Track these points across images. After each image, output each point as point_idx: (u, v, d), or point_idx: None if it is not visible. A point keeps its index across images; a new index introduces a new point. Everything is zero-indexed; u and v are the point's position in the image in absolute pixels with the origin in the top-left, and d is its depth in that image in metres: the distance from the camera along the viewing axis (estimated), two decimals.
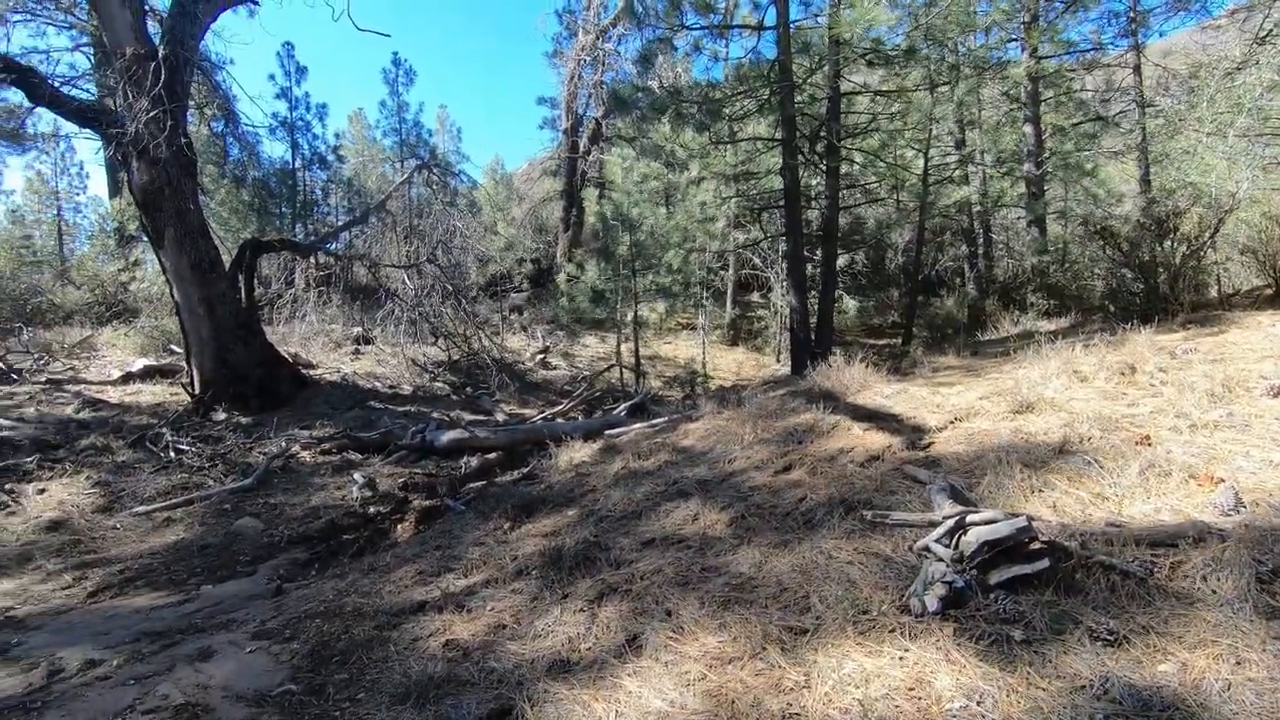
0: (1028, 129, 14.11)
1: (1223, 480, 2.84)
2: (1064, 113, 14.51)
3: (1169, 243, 7.50)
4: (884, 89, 11.02)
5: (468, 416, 10.04)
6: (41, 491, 6.68)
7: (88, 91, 10.61)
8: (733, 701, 2.28)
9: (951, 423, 4.25)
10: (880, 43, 9.55)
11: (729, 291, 18.24)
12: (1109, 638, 2.19)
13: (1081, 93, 14.73)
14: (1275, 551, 2.39)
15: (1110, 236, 8.20)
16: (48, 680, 3.42)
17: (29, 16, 11.31)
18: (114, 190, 19.57)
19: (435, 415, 9.94)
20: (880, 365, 6.31)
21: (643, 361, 13.60)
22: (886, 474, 3.69)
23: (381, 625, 3.55)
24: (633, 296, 12.91)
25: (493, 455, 7.81)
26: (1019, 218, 16.76)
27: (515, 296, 19.99)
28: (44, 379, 10.70)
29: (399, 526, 5.88)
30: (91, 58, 12.38)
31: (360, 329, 14.69)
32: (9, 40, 12.64)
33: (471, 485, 6.81)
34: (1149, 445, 3.25)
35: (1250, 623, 2.12)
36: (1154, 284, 7.44)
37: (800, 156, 10.17)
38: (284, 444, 8.16)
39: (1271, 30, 8.60)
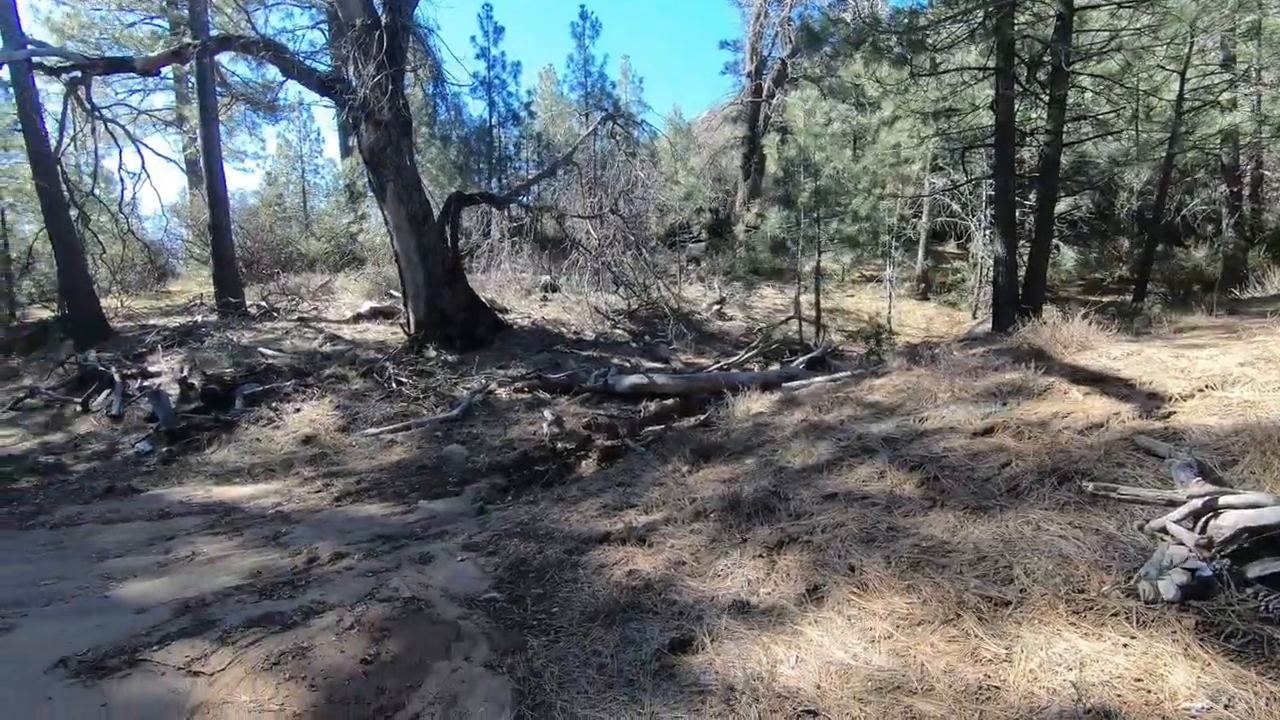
0: None
1: None
2: None
3: None
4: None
5: (646, 363, 10.36)
6: (298, 411, 7.94)
7: (324, 64, 12.01)
8: (922, 664, 2.19)
9: (1200, 390, 3.65)
10: None
11: (921, 241, 16.89)
12: None
13: None
14: None
15: None
16: (308, 565, 4.12)
17: (280, 0, 12.99)
18: (345, 151, 22.19)
19: (615, 360, 10.37)
20: (1106, 323, 5.54)
21: (823, 314, 13.11)
22: (1112, 444, 3.26)
23: (570, 550, 3.83)
24: (815, 246, 12.41)
25: (670, 401, 8.01)
26: None
27: (693, 246, 20.05)
28: (295, 317, 12.62)
29: (583, 463, 6.27)
30: (326, 32, 13.97)
31: (548, 277, 15.60)
32: (267, 23, 14.61)
33: (650, 429, 7.06)
34: None
35: None
36: None
37: (1017, 86, 9.01)
38: (484, 381, 8.97)
39: None
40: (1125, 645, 2.05)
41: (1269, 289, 9.55)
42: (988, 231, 13.43)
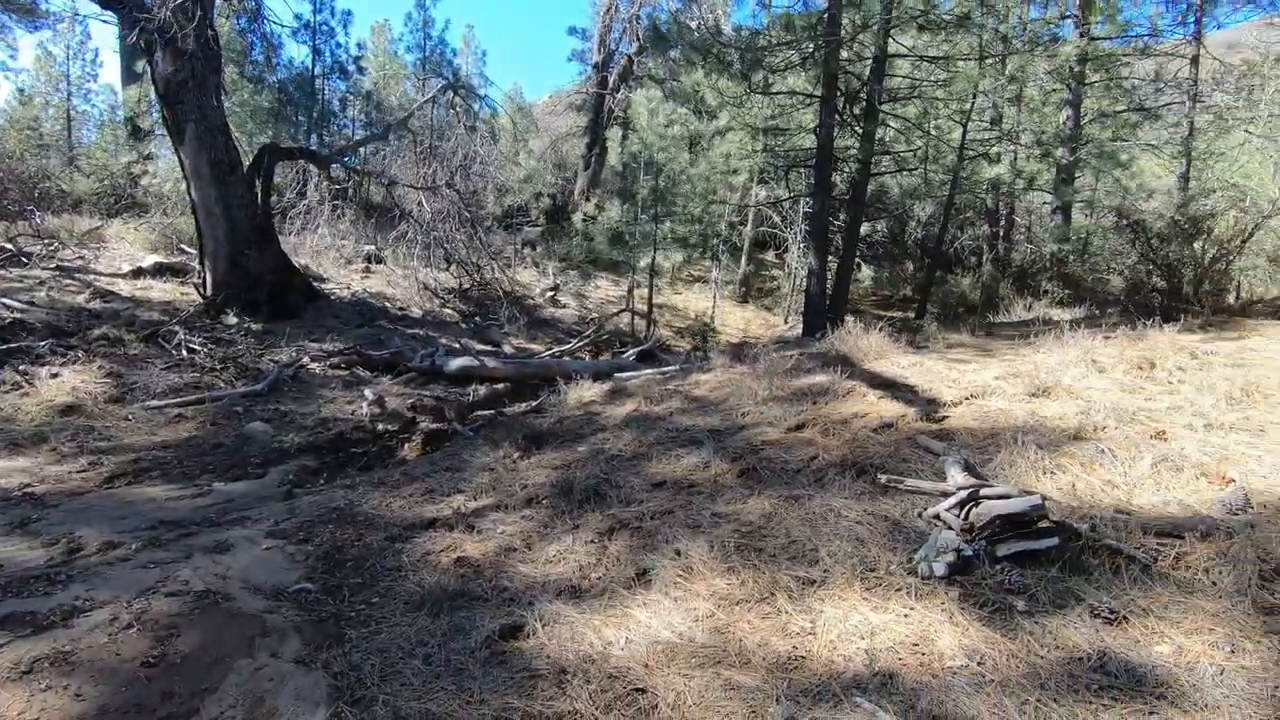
0: (1068, 111, 13.77)
1: (1234, 480, 2.89)
2: (1108, 99, 14.12)
3: (1199, 244, 7.43)
4: (931, 55, 10.69)
5: (476, 346, 10.08)
6: (55, 376, 6.74)
7: None
8: (740, 640, 2.38)
9: (966, 399, 4.30)
10: (934, 5, 9.22)
11: (745, 247, 18.05)
12: (1109, 616, 2.27)
13: (1129, 80, 14.30)
14: (1278, 553, 2.46)
15: (1142, 231, 8.11)
16: (68, 556, 3.54)
17: None
18: (129, 78, 19.04)
19: (444, 341, 9.98)
20: (896, 336, 6.32)
21: (654, 309, 13.58)
22: (900, 442, 3.75)
23: (393, 537, 3.65)
24: (651, 242, 12.81)
25: (501, 386, 7.88)
26: (1044, 203, 16.51)
27: (530, 231, 19.78)
28: (54, 265, 10.67)
29: (406, 446, 5.98)
30: None
31: (372, 247, 14.60)
32: None
33: (480, 413, 6.90)
34: (1164, 440, 3.30)
35: (1248, 616, 2.20)
36: (1177, 283, 7.40)
37: (837, 116, 9.94)
38: (295, 354, 8.22)
39: None
40: (906, 616, 2.38)
41: (1014, 315, 11.42)
42: (803, 245, 14.68)
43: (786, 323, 15.62)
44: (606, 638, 2.48)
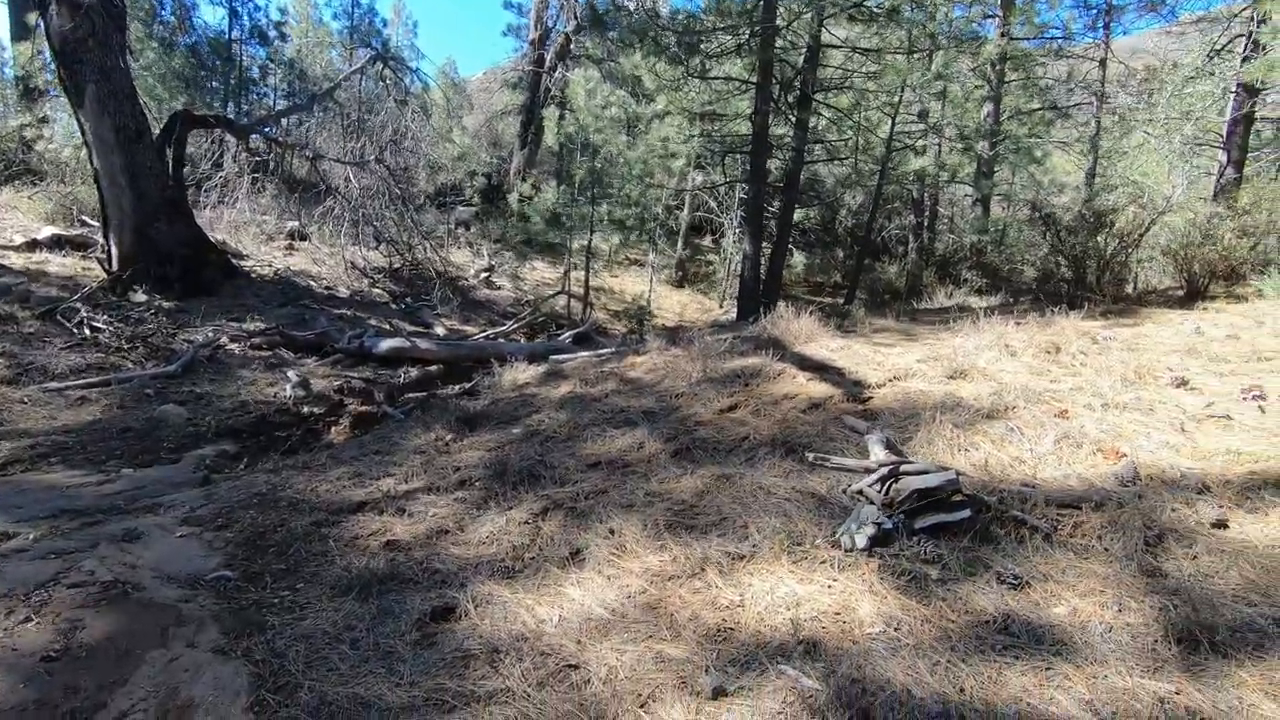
0: (989, 108, 14.39)
1: (1125, 455, 3.13)
2: (1025, 97, 14.84)
3: (1102, 237, 7.92)
4: (863, 46, 10.96)
5: (407, 327, 9.82)
6: None
7: None
8: (671, 614, 2.43)
9: (890, 380, 4.48)
10: None
11: (681, 232, 18.15)
12: (1014, 582, 2.43)
13: (1044, 80, 15.05)
14: (1161, 521, 2.69)
15: (1051, 223, 8.60)
16: None
17: None
18: (18, 33, 17.49)
19: (373, 322, 9.68)
20: (825, 321, 6.51)
21: (591, 292, 13.52)
22: (827, 421, 3.88)
23: (320, 521, 3.55)
24: (588, 224, 12.72)
25: (433, 368, 7.72)
26: (966, 195, 17.26)
27: (463, 210, 19.31)
28: None
29: (333, 429, 5.80)
30: None
31: (296, 224, 13.96)
32: None
33: (411, 395, 6.75)
34: (1066, 418, 3.53)
35: (1134, 578, 2.40)
36: (1083, 273, 7.88)
37: (772, 103, 10.09)
38: (211, 333, 7.81)
39: (1229, 43, 8.97)
40: (829, 586, 2.48)
41: (937, 302, 11.94)
42: (738, 230, 14.88)
43: (722, 307, 15.84)
44: (540, 616, 2.49)
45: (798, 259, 17.73)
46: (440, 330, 10.36)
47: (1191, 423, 3.45)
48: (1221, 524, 2.65)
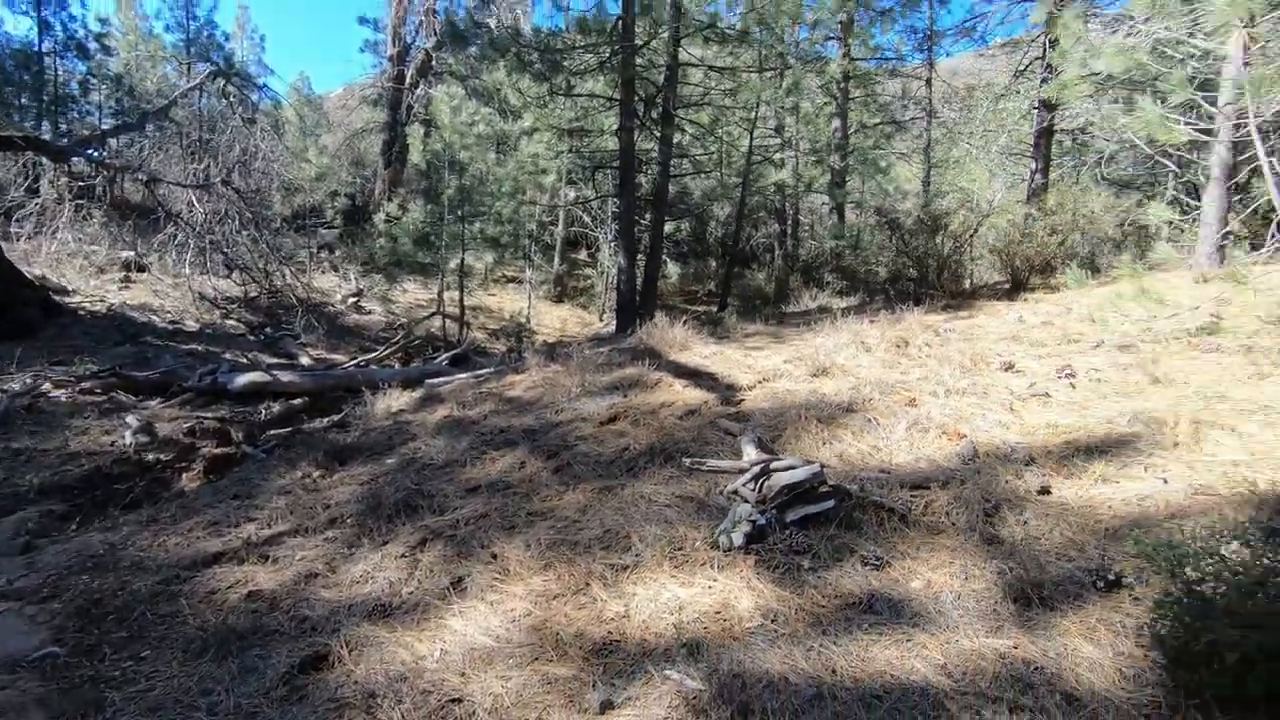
0: (837, 123, 15.46)
1: (965, 435, 3.44)
2: (868, 112, 16.09)
3: (940, 238, 8.72)
4: (718, 65, 11.48)
5: (267, 359, 9.15)
6: None
7: None
8: (557, 633, 2.41)
9: (760, 382, 4.69)
10: (717, 17, 9.91)
11: (558, 247, 18.15)
12: (876, 563, 2.61)
13: (883, 97, 16.41)
14: (996, 491, 2.98)
15: (896, 227, 9.36)
16: None
17: None
18: None
19: (229, 356, 8.94)
20: (699, 328, 6.72)
21: (467, 312, 13.20)
22: (703, 426, 4.00)
23: (168, 580, 3.23)
24: (459, 243, 12.42)
25: (298, 401, 7.23)
26: (823, 204, 18.41)
27: (326, 233, 18.30)
28: None
29: (185, 475, 5.30)
30: None
31: (132, 254, 12.68)
32: None
33: (274, 432, 6.29)
34: (915, 406, 3.84)
35: (977, 547, 2.64)
36: (925, 272, 8.63)
37: (636, 120, 10.33)
38: (30, 380, 6.91)
39: (1030, 65, 10.17)
40: (709, 587, 2.55)
41: (803, 305, 12.63)
42: (613, 244, 15.09)
43: (602, 320, 15.95)
44: (419, 653, 2.39)
45: (672, 270, 18.20)
46: (305, 360, 9.74)
47: (1018, 402, 3.85)
48: (1045, 490, 2.97)
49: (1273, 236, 4.42)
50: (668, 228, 16.82)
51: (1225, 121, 6.07)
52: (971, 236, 8.61)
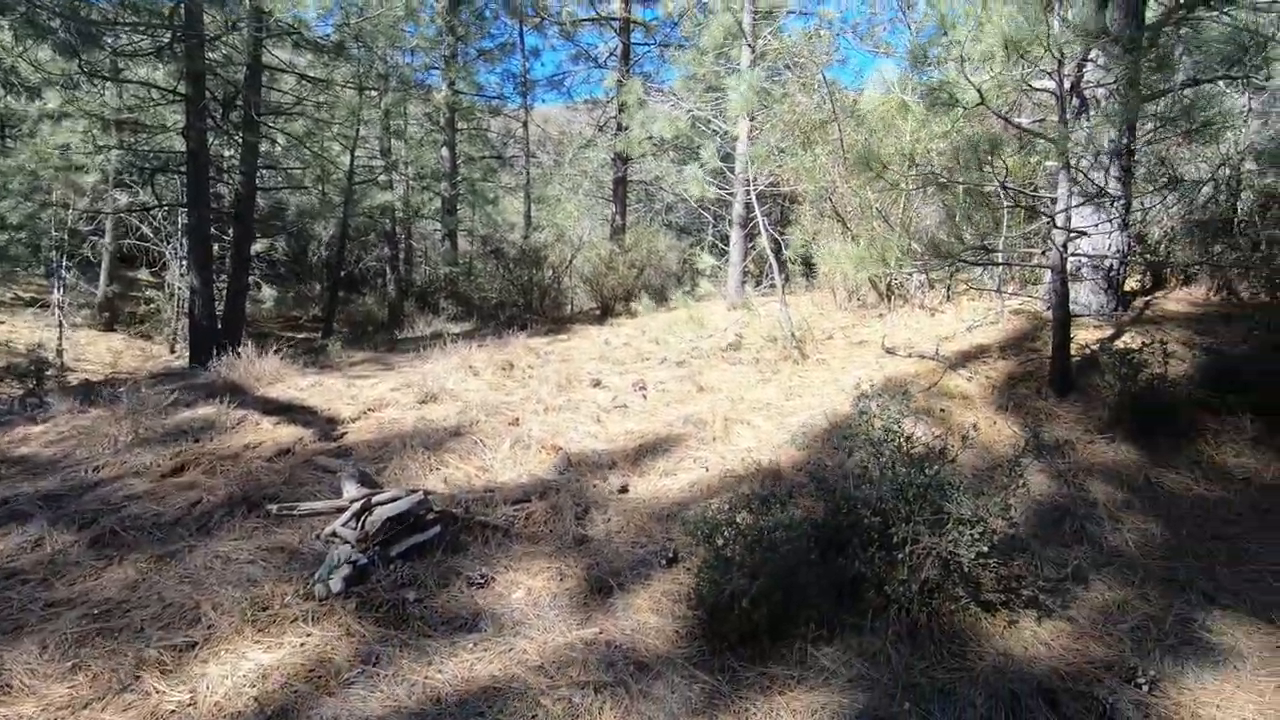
0: (445, 151, 15.66)
1: (560, 448, 3.78)
2: (475, 145, 16.67)
3: (541, 269, 9.47)
4: (311, 75, 10.62)
5: None
6: None
7: None
8: None
9: (365, 413, 4.45)
10: (306, 25, 9.20)
11: (105, 263, 14.53)
12: (481, 581, 2.68)
13: (489, 132, 17.19)
14: (586, 496, 3.33)
15: (501, 257, 9.86)
16: None
17: None
18: None
19: None
20: (297, 358, 6.09)
21: None
22: (297, 466, 3.62)
23: None
24: None
25: None
26: (435, 230, 18.44)
27: None
28: None
29: None
30: None
31: None
32: None
33: None
34: (518, 425, 4.08)
35: (570, 549, 2.91)
36: (530, 299, 9.28)
37: (211, 121, 8.94)
38: None
39: (607, 121, 11.77)
40: (302, 644, 2.31)
41: (418, 331, 12.38)
42: (184, 261, 12.72)
43: (174, 352, 13.27)
44: None
45: (268, 293, 16.13)
46: None
47: (604, 413, 4.39)
48: (625, 489, 3.44)
49: (766, 275, 5.90)
50: (261, 246, 14.90)
51: (740, 185, 7.90)
52: (567, 268, 9.55)
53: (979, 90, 3.60)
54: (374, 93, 12.43)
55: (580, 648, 2.30)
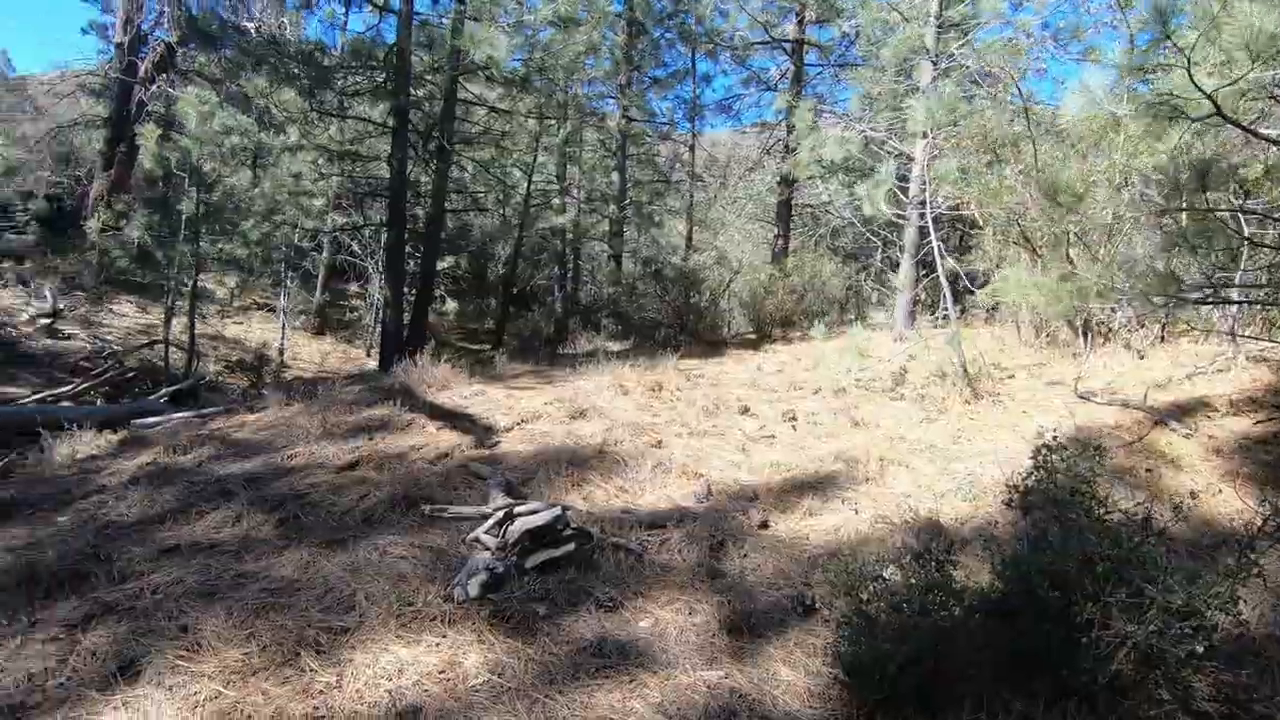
0: (615, 176, 16.32)
1: (701, 475, 3.68)
2: (643, 170, 17.21)
3: (697, 291, 9.48)
4: (499, 107, 11.53)
5: None
6: None
7: None
8: (249, 716, 2.09)
9: (519, 424, 4.63)
10: (497, 63, 9.99)
11: (320, 276, 16.70)
12: (609, 605, 2.64)
13: (657, 156, 17.68)
14: (723, 528, 3.20)
15: (661, 278, 10.01)
16: None
17: None
18: None
19: None
20: (465, 367, 6.52)
21: (200, 341, 11.51)
22: (452, 470, 3.83)
23: None
24: (193, 263, 10.85)
25: None
26: (602, 250, 19.21)
27: (13, 238, 15.00)
28: None
29: None
30: None
31: None
32: None
33: None
34: (660, 448, 4.04)
35: (702, 582, 2.80)
36: (684, 321, 9.31)
37: (411, 150, 9.96)
38: None
39: (775, 145, 11.61)
40: (437, 645, 2.39)
41: (579, 347, 12.91)
42: (382, 275, 14.25)
43: (369, 355, 14.88)
44: None
45: (450, 306, 17.64)
46: None
47: (750, 442, 4.23)
48: (765, 524, 3.27)
49: (941, 304, 5.43)
50: (446, 263, 16.35)
51: (914, 209, 7.41)
52: (725, 291, 9.49)
53: (1212, 99, 3.05)
54: (552, 121, 13.23)
55: (704, 690, 2.18)
